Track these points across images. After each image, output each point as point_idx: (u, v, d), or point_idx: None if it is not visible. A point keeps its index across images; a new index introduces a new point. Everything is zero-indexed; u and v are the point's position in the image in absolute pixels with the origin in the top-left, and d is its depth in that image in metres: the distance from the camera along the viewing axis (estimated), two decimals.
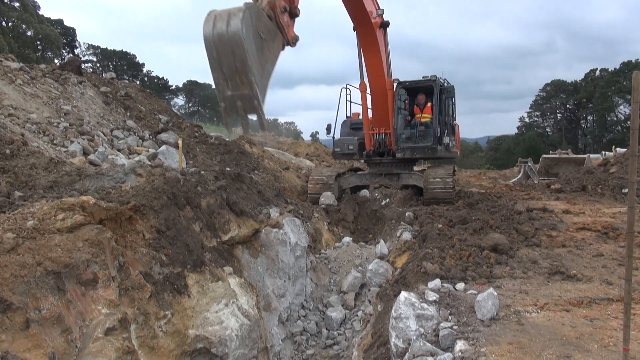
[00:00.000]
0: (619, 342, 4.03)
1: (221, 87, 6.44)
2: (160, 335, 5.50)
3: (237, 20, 5.95)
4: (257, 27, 6.41)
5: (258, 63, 6.41)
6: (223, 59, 6.17)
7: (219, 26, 6.02)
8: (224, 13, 6.10)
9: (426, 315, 4.77)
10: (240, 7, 6.10)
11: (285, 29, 7.11)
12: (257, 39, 6.40)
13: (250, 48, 6.17)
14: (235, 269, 7.43)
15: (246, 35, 6.05)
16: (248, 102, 6.45)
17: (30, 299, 4.17)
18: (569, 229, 8.51)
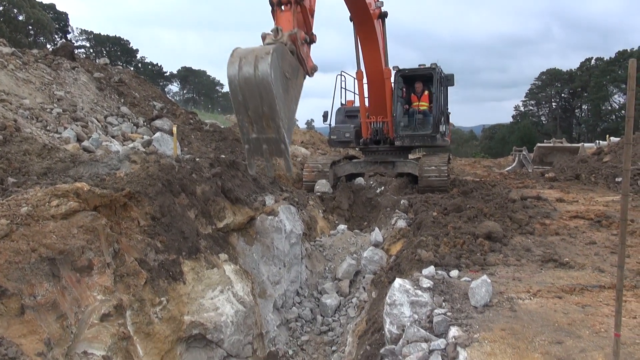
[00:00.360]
0: (610, 328, 4.08)
1: (246, 129, 6.24)
2: (156, 322, 5.52)
3: (266, 64, 5.73)
4: (283, 67, 6.20)
5: (285, 105, 6.23)
6: (249, 103, 5.98)
7: (245, 70, 5.78)
8: (250, 55, 5.87)
9: (420, 301, 4.81)
10: (267, 49, 5.89)
11: (305, 60, 6.93)
12: (283, 80, 6.20)
13: (278, 92, 5.96)
14: (231, 256, 7.44)
15: (274, 80, 5.85)
16: (274, 146, 6.27)
17: (25, 285, 4.16)
18: (563, 217, 8.58)
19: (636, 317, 4.31)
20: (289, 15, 6.81)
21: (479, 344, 4.06)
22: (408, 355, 4.29)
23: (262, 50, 5.86)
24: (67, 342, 4.38)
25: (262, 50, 5.86)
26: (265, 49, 5.90)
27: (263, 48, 5.94)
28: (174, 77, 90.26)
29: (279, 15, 6.88)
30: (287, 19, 6.78)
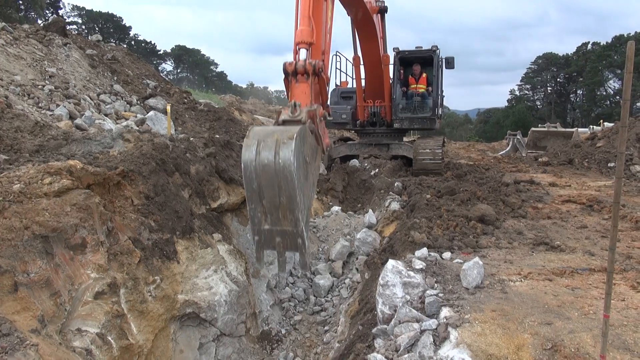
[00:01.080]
0: (598, 310, 4.15)
1: (258, 220, 5.49)
2: (150, 300, 5.55)
3: (289, 151, 5.06)
4: (305, 152, 5.58)
5: (304, 194, 5.59)
6: (265, 192, 5.28)
7: (264, 155, 5.10)
8: (269, 138, 5.19)
9: (413, 282, 4.86)
10: (290, 133, 5.20)
11: (322, 137, 6.35)
12: (304, 166, 5.57)
13: (299, 181, 5.31)
14: (225, 236, 7.45)
15: (297, 168, 5.18)
16: (290, 239, 5.55)
17: (19, 263, 4.16)
18: (555, 202, 8.64)
19: (624, 299, 4.37)
20: (305, 87, 6.21)
21: (470, 325, 4.11)
22: (400, 334, 4.35)
23: (284, 134, 5.18)
24: (61, 319, 4.40)
25: (284, 134, 5.18)
26: (288, 132, 5.20)
27: (285, 131, 5.24)
28: (168, 56, 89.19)
29: (295, 86, 6.26)
30: (304, 91, 6.21)
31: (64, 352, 4.13)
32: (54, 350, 4.03)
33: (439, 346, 4.15)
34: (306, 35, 6.43)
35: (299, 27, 6.51)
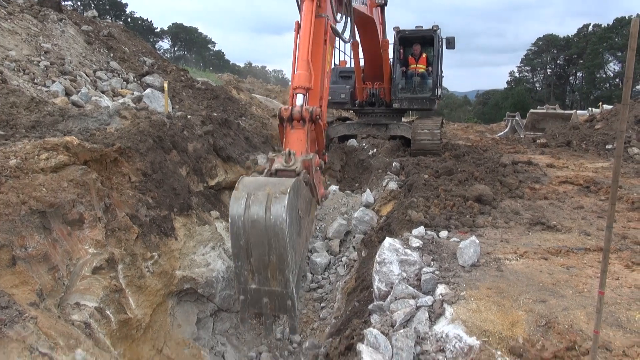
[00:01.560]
0: (593, 288, 4.19)
1: (244, 278, 5.06)
2: (148, 276, 5.58)
3: (281, 208, 4.66)
4: (298, 206, 5.21)
5: (296, 252, 5.20)
6: (253, 250, 4.88)
7: (254, 210, 4.71)
8: (261, 191, 4.80)
9: (409, 260, 4.89)
10: (284, 187, 4.81)
11: (317, 188, 6.03)
12: (296, 222, 5.18)
13: (291, 239, 4.91)
14: (222, 214, 7.47)
15: (289, 226, 4.79)
16: (278, 301, 5.13)
17: (16, 237, 4.16)
18: (552, 182, 8.66)
19: (619, 278, 4.42)
20: (301, 134, 5.89)
21: (465, 301, 4.16)
22: (395, 310, 4.39)
23: (277, 187, 4.80)
24: (59, 293, 4.43)
25: (277, 187, 4.80)
26: (281, 185, 4.84)
27: (278, 183, 4.90)
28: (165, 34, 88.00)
29: (290, 133, 5.94)
30: (299, 138, 5.89)
31: (63, 325, 4.17)
32: (53, 323, 4.06)
33: (434, 322, 4.19)
34: (304, 80, 6.15)
35: (297, 71, 6.23)
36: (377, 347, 4.01)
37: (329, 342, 5.82)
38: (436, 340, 4.06)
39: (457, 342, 3.91)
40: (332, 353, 5.37)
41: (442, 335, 4.02)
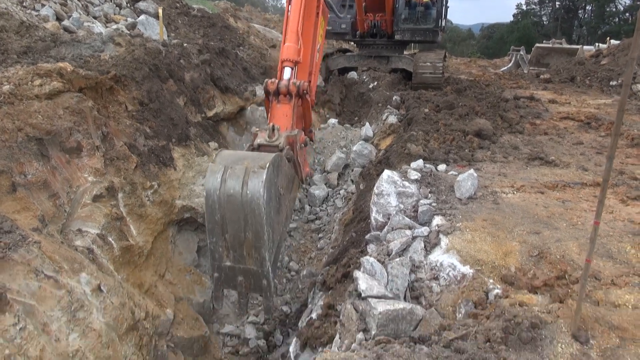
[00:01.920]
0: (586, 221, 4.27)
1: (218, 255, 4.92)
2: (148, 204, 5.64)
3: (259, 183, 4.45)
4: (278, 183, 4.97)
5: (274, 231, 5.00)
6: (229, 226, 4.71)
7: (230, 184, 4.51)
8: (238, 165, 4.57)
9: (407, 192, 4.93)
10: (263, 161, 4.57)
11: (301, 166, 5.82)
12: (276, 199, 4.97)
13: (269, 216, 4.71)
14: (221, 145, 7.45)
15: (266, 202, 4.58)
16: (254, 280, 4.99)
17: (15, 164, 4.16)
18: (553, 118, 8.59)
19: (613, 212, 4.48)
20: (287, 109, 5.67)
21: (461, 232, 4.24)
22: (392, 240, 4.49)
23: (256, 161, 4.57)
24: (61, 220, 4.49)
25: (256, 161, 4.57)
26: (260, 159, 4.61)
27: (257, 158, 4.67)
28: None
29: (275, 107, 5.74)
30: (285, 113, 5.68)
31: (66, 250, 4.26)
32: (57, 248, 4.15)
33: (430, 252, 4.30)
34: (292, 53, 5.91)
35: (286, 43, 5.97)
36: (373, 274, 4.13)
37: (326, 270, 5.99)
38: (430, 268, 4.17)
39: (451, 270, 4.03)
40: (329, 280, 5.55)
41: (437, 264, 4.13)
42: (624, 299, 3.21)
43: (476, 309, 3.61)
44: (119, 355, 4.51)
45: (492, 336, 3.04)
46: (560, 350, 2.83)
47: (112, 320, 4.47)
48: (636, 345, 2.82)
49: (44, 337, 3.71)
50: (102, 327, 4.31)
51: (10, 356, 3.31)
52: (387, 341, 3.31)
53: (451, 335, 3.21)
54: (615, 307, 3.15)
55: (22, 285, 3.62)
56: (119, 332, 4.60)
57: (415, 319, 3.65)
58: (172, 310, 5.69)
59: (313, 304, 5.90)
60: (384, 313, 3.58)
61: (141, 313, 4.99)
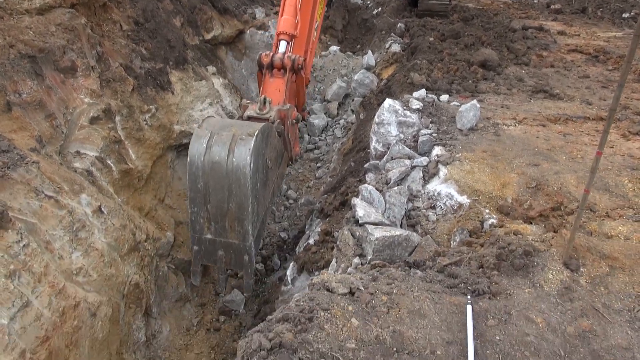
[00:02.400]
0: (586, 155, 4.26)
1: (199, 226, 4.67)
2: (146, 129, 5.58)
3: (246, 150, 4.23)
4: (266, 154, 4.70)
5: (260, 204, 4.75)
6: (212, 195, 4.46)
7: (215, 151, 4.28)
8: (225, 131, 4.34)
9: (408, 122, 4.88)
10: (251, 129, 4.35)
11: (292, 144, 5.66)
12: (263, 171, 4.69)
13: (254, 187, 4.46)
14: (219, 70, 7.27)
15: (253, 172, 4.33)
16: (235, 255, 4.77)
17: (8, 82, 4.06)
18: (561, 50, 8.35)
19: (614, 147, 4.47)
20: (280, 84, 5.49)
21: (460, 163, 4.24)
22: (391, 170, 4.50)
23: (244, 129, 4.34)
24: (59, 141, 4.45)
25: (244, 129, 4.34)
26: (249, 127, 4.39)
27: (245, 125, 4.45)
28: None
29: (268, 81, 5.55)
30: (278, 87, 5.51)
31: (65, 171, 4.26)
32: (56, 169, 4.15)
33: (428, 181, 4.32)
34: (289, 26, 5.80)
35: (283, 16, 5.84)
36: (371, 201, 4.17)
37: (324, 199, 6.07)
38: (428, 197, 4.22)
39: (448, 200, 4.07)
40: (326, 208, 5.63)
41: (434, 194, 4.17)
42: (617, 230, 3.27)
43: (471, 237, 3.69)
44: (121, 274, 4.65)
45: (485, 262, 3.12)
46: (550, 277, 2.92)
47: (113, 241, 4.56)
48: (625, 274, 2.91)
49: (47, 254, 3.79)
50: (104, 247, 4.41)
51: (16, 271, 3.40)
52: (382, 265, 3.40)
53: (445, 261, 3.30)
54: (607, 238, 3.22)
55: (23, 204, 3.65)
56: (121, 253, 4.71)
57: (411, 246, 3.74)
58: (172, 234, 5.81)
59: (310, 231, 6.03)
60: (381, 239, 3.66)
61: (142, 235, 5.10)
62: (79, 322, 3.93)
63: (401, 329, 2.55)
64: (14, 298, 3.33)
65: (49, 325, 3.58)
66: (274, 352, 2.29)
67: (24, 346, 3.31)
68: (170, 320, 5.55)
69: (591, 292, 2.82)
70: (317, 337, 2.42)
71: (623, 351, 2.46)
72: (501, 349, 2.47)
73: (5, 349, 3.18)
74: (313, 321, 2.50)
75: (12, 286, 3.33)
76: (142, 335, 5.02)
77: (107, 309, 4.32)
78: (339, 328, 2.51)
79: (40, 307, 3.56)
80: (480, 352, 2.45)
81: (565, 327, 2.59)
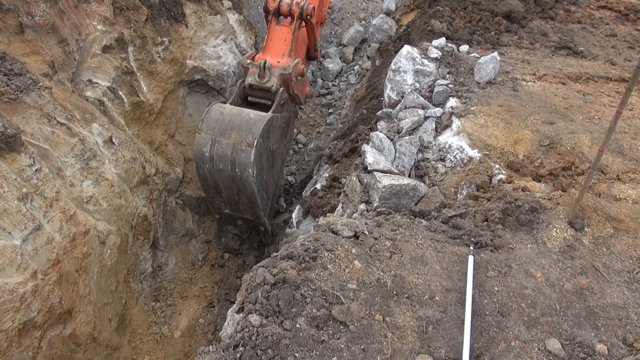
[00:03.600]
0: (604, 116, 4.18)
1: (217, 205, 5.30)
2: (159, 62, 5.51)
3: (247, 163, 4.57)
4: (270, 142, 4.91)
5: (269, 186, 5.24)
6: (223, 190, 4.99)
7: (218, 162, 4.66)
8: (225, 141, 4.58)
9: (425, 71, 4.77)
10: (251, 139, 4.53)
11: (300, 93, 5.53)
12: (268, 160, 5.01)
13: (260, 183, 4.88)
14: (235, 5, 7.06)
15: (257, 176, 4.72)
16: (252, 225, 5.52)
17: (21, 2, 3.98)
18: (590, 6, 7.99)
19: (633, 109, 4.37)
20: (286, 33, 5.24)
21: (474, 116, 4.18)
22: (403, 119, 4.45)
23: (243, 135, 4.54)
24: (71, 68, 4.42)
25: (243, 135, 4.54)
26: (248, 133, 4.56)
27: (245, 128, 4.59)
28: None
29: (274, 29, 5.28)
30: (284, 37, 5.25)
31: (77, 99, 4.26)
32: (68, 96, 4.14)
33: (440, 133, 4.28)
34: None
35: None
36: (382, 149, 4.16)
37: (333, 144, 6.05)
38: (438, 149, 4.19)
39: (459, 152, 4.05)
40: (335, 154, 5.62)
41: (445, 146, 4.14)
42: (625, 194, 3.26)
43: (478, 191, 3.69)
44: (131, 205, 4.74)
45: (490, 216, 3.15)
46: (554, 234, 2.94)
47: (123, 172, 4.62)
48: (628, 236, 2.92)
49: (59, 180, 3.85)
50: (115, 178, 4.47)
51: (28, 195, 3.47)
52: (388, 212, 3.44)
53: (450, 213, 3.32)
54: (615, 200, 3.21)
55: (35, 129, 3.67)
56: (131, 185, 4.78)
57: (418, 196, 3.76)
58: (181, 170, 5.86)
59: (318, 176, 6.06)
60: (388, 187, 3.67)
61: (151, 169, 5.14)
62: (88, 248, 4.05)
63: (402, 273, 2.61)
64: (27, 220, 3.42)
65: (60, 250, 3.70)
66: (277, 287, 2.36)
67: (35, 267, 3.43)
68: (177, 254, 5.70)
69: (593, 251, 2.85)
70: (320, 275, 2.49)
71: (618, 310, 2.51)
72: (498, 299, 2.53)
73: (18, 269, 3.30)
74: (317, 260, 2.56)
75: (24, 209, 3.41)
76: (148, 266, 5.17)
77: (115, 238, 4.44)
78: (342, 269, 2.57)
79: (52, 231, 3.66)
80: (478, 301, 2.51)
81: (564, 283, 2.64)
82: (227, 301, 5.62)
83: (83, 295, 3.93)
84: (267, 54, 5.25)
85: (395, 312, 2.41)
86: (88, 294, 4.02)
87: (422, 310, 2.43)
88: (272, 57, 5.17)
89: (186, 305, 5.41)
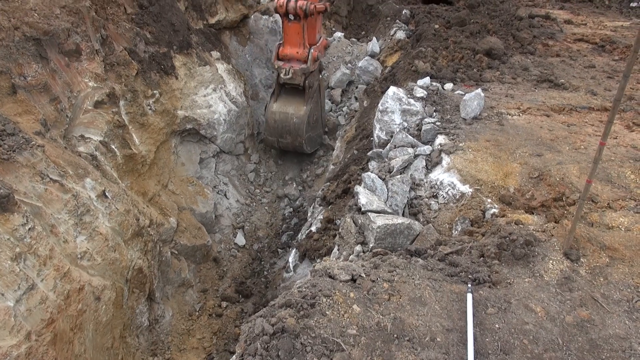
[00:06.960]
0: (590, 145, 4.26)
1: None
2: (150, 113, 5.59)
3: (300, 139, 7.39)
4: (312, 109, 7.53)
5: (310, 130, 7.63)
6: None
7: (283, 137, 7.41)
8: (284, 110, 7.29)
9: (412, 110, 4.87)
10: (302, 113, 7.22)
11: (321, 56, 7.63)
12: (312, 117, 7.55)
13: (307, 131, 7.45)
14: (223, 55, 7.24)
15: (306, 131, 7.37)
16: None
17: (13, 64, 4.06)
18: (567, 40, 8.28)
19: (617, 138, 4.46)
20: (298, 28, 6.87)
21: (463, 152, 4.24)
22: (394, 158, 4.51)
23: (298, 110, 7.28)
24: (64, 125, 4.47)
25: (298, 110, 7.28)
26: (299, 110, 7.27)
27: (297, 109, 7.27)
28: None
29: (287, 26, 6.91)
30: (297, 31, 6.88)
31: (70, 155, 4.28)
32: (60, 153, 4.17)
33: (430, 170, 4.33)
34: None
35: None
36: (374, 189, 4.19)
37: (326, 186, 6.09)
38: (430, 186, 4.23)
39: (451, 189, 4.08)
40: (329, 196, 5.65)
41: (437, 182, 4.18)
42: (618, 222, 3.29)
43: (472, 226, 3.71)
44: (125, 258, 4.69)
45: (486, 251, 3.15)
46: (551, 267, 2.94)
47: (117, 226, 4.60)
48: (624, 265, 2.93)
49: (53, 237, 3.83)
50: (109, 232, 4.44)
51: (21, 254, 3.44)
52: (384, 253, 3.43)
53: (446, 250, 3.32)
54: (608, 229, 3.23)
55: (28, 188, 3.68)
56: (125, 237, 4.74)
57: (413, 234, 3.77)
58: (175, 219, 5.84)
59: (313, 218, 6.06)
60: (383, 227, 3.68)
61: (145, 220, 5.13)
62: (83, 305, 3.98)
63: (402, 316, 2.58)
64: (20, 281, 3.37)
65: (54, 308, 3.63)
66: (277, 337, 2.33)
67: (29, 328, 3.36)
68: (173, 305, 5.61)
69: (591, 282, 2.84)
70: (319, 322, 2.46)
71: (621, 341, 2.49)
72: (500, 337, 2.51)
73: (12, 331, 3.23)
74: (315, 307, 2.53)
75: (17, 269, 3.37)
76: (145, 320, 5.08)
77: (111, 293, 4.37)
78: (341, 314, 2.54)
79: (46, 290, 3.60)
80: (480, 340, 2.48)
81: (564, 317, 2.62)
82: (226, 351, 5.49)
83: (78, 354, 3.84)
84: (287, 45, 7.03)
85: (397, 356, 2.37)
86: (84, 353, 3.92)
87: (424, 352, 2.40)
88: (292, 48, 6.94)
89: (185, 358, 5.28)
